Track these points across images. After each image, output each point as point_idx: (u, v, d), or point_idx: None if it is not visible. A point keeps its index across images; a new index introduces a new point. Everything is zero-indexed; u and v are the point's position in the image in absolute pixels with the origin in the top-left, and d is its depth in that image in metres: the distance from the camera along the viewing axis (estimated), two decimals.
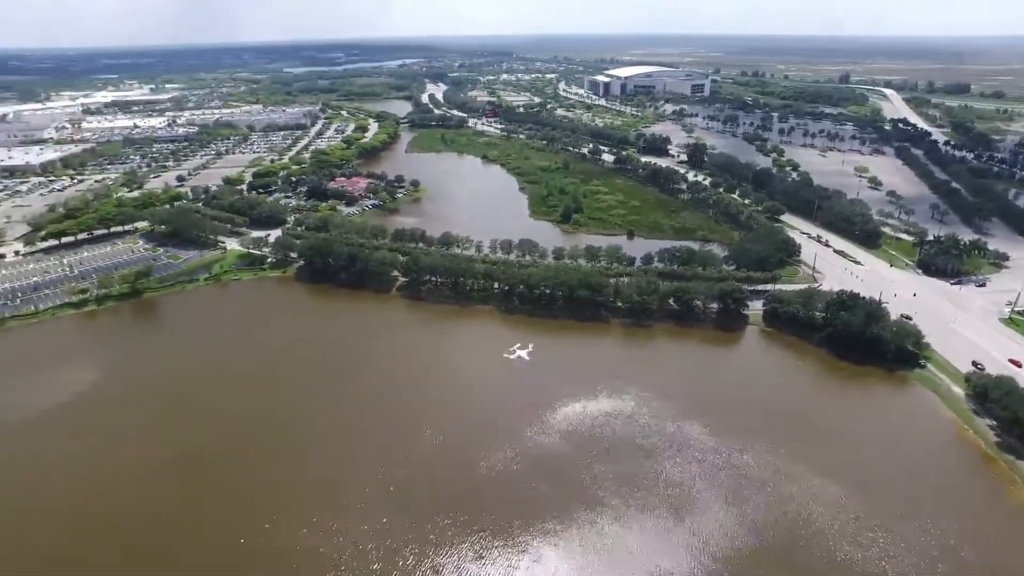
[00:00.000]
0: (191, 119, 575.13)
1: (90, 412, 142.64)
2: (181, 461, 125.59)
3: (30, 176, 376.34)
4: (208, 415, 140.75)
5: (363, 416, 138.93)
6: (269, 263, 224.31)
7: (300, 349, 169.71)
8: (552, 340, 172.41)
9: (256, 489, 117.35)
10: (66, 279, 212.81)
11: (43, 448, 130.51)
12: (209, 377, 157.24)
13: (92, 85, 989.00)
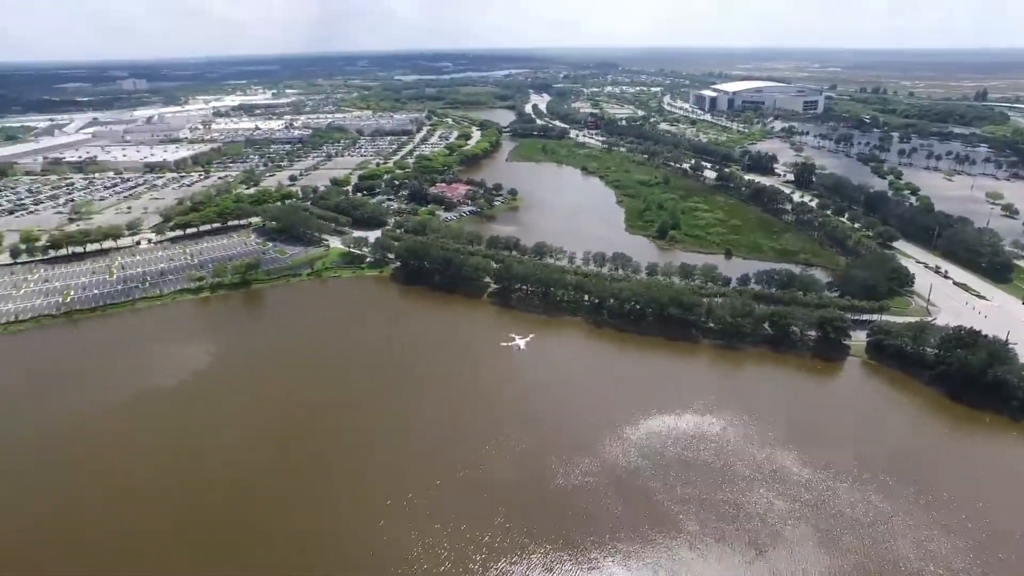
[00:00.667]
0: (306, 123, 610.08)
1: (202, 389, 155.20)
2: (273, 439, 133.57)
3: (166, 172, 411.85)
4: (301, 400, 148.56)
5: (446, 415, 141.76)
6: (368, 262, 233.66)
7: (391, 346, 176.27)
8: (640, 356, 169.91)
9: (338, 474, 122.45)
10: (187, 267, 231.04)
11: (163, 421, 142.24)
12: (304, 364, 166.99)
13: (223, 90, 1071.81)
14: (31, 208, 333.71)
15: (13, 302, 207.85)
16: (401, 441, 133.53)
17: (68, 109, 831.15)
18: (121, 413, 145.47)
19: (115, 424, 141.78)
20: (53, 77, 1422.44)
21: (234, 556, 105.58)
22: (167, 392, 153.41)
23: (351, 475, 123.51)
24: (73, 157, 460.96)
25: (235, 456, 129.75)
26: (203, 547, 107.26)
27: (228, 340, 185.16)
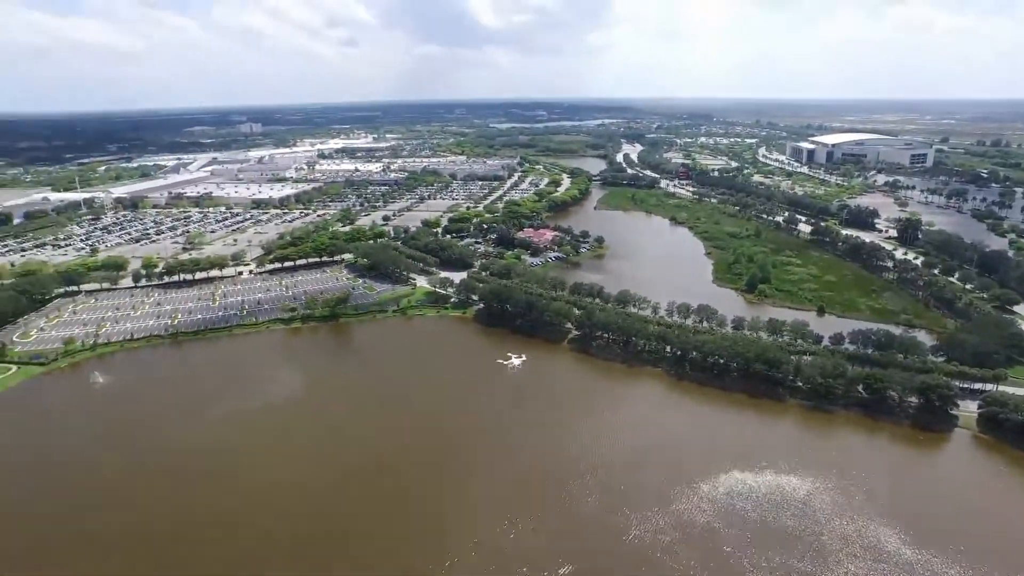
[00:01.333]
0: (403, 166, 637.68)
1: (292, 414, 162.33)
2: (348, 469, 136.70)
3: (271, 208, 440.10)
4: (384, 430, 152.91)
5: (518, 459, 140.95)
6: (452, 303, 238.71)
7: (469, 384, 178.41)
8: (721, 412, 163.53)
9: (403, 512, 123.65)
10: (282, 298, 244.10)
11: (252, 439, 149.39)
12: (388, 396, 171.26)
13: (329, 134, 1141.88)
14: (154, 237, 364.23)
15: (131, 322, 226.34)
16: (471, 484, 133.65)
17: (193, 150, 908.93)
18: (216, 428, 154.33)
19: (209, 440, 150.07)
20: (184, 121, 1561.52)
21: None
22: (255, 412, 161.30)
23: (419, 515, 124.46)
24: (192, 192, 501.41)
25: (313, 482, 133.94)
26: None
27: (316, 370, 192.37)
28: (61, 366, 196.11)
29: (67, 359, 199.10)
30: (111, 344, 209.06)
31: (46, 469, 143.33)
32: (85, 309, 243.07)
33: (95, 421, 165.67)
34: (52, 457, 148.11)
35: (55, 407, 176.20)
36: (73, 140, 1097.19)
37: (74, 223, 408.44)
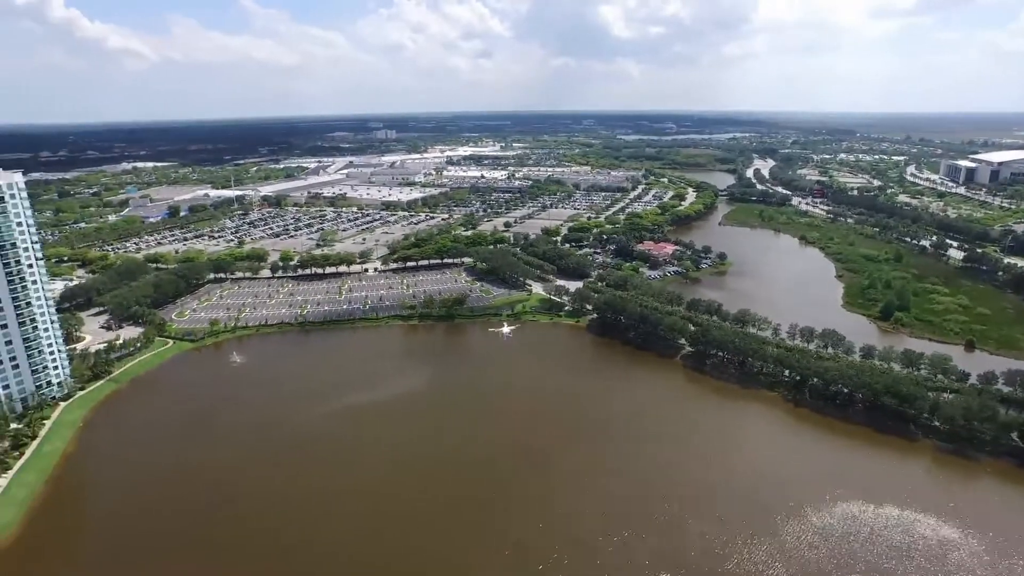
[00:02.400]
0: (527, 174, 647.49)
1: (407, 406, 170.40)
2: (462, 463, 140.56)
3: (399, 211, 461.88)
4: (490, 428, 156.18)
5: (623, 472, 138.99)
6: (566, 311, 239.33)
7: (576, 392, 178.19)
8: (842, 446, 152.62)
9: (503, 516, 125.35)
10: (403, 296, 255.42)
11: (372, 430, 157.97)
12: (496, 397, 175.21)
13: (458, 141, 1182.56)
14: (292, 233, 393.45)
15: (267, 309, 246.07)
16: (572, 489, 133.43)
17: (333, 154, 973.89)
18: (337, 414, 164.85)
19: (330, 424, 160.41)
20: (326, 127, 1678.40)
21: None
22: (374, 404, 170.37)
23: (522, 518, 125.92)
24: (329, 193, 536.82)
25: (431, 474, 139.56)
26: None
27: (431, 367, 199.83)
28: (207, 343, 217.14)
29: (212, 338, 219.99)
30: (248, 328, 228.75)
31: (191, 431, 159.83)
32: (230, 294, 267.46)
33: (232, 395, 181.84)
34: (196, 420, 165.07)
35: (201, 379, 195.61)
36: (232, 143, 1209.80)
37: (227, 217, 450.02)
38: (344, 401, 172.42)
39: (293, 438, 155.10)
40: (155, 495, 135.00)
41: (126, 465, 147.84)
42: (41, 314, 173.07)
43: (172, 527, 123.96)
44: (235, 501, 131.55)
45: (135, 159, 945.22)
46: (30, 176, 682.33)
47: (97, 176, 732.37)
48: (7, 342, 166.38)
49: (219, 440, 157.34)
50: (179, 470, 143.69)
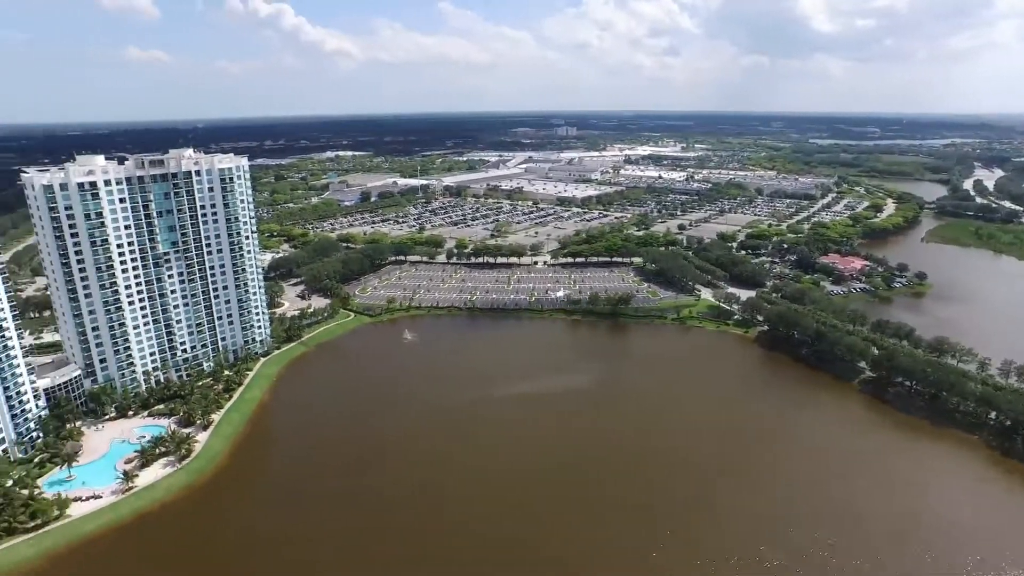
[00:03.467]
0: (707, 176, 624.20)
1: (565, 402, 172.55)
2: (613, 464, 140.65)
3: (573, 207, 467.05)
4: (645, 433, 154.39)
5: (770, 491, 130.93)
6: (734, 320, 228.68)
7: (740, 406, 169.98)
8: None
9: (641, 520, 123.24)
10: (568, 290, 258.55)
11: (531, 417, 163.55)
12: (654, 402, 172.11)
13: (638, 140, 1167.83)
14: (469, 223, 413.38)
15: (439, 292, 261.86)
16: (727, 516, 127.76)
17: (514, 148, 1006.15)
18: (496, 402, 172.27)
19: (486, 409, 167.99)
20: (509, 123, 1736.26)
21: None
22: (527, 395, 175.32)
23: (663, 518, 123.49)
24: (507, 186, 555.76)
25: (561, 465, 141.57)
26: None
27: (590, 363, 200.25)
28: (383, 319, 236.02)
29: (388, 315, 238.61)
30: (421, 308, 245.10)
31: (362, 394, 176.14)
32: (407, 276, 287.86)
33: (401, 368, 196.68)
34: (367, 385, 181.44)
35: (376, 351, 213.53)
36: (422, 136, 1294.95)
37: (411, 204, 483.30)
38: (503, 388, 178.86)
39: (449, 414, 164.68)
40: (326, 442, 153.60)
41: (307, 414, 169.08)
42: (252, 280, 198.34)
43: (335, 468, 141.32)
44: (385, 458, 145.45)
45: (338, 148, 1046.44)
46: (254, 162, 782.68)
47: (306, 163, 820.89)
48: (226, 301, 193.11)
49: (384, 405, 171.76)
50: (348, 425, 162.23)
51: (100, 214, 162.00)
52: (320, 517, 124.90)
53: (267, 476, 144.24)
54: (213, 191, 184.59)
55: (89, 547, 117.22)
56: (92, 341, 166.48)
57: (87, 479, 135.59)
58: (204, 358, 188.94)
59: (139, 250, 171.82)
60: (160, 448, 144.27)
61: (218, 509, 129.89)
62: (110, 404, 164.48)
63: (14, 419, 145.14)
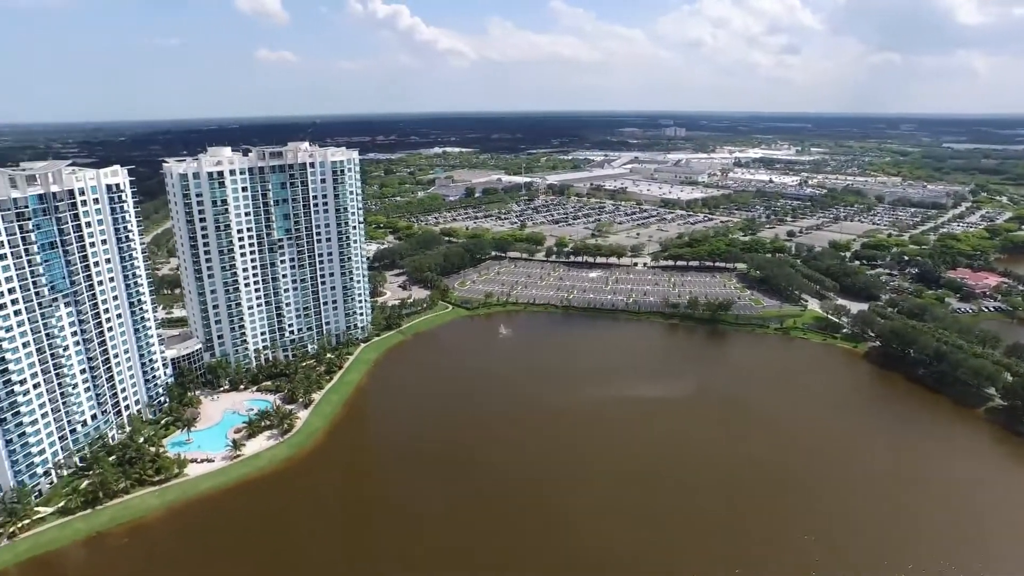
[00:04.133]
0: (822, 182, 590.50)
1: (657, 407, 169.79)
2: (703, 475, 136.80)
3: (677, 209, 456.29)
4: (739, 446, 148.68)
5: (887, 542, 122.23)
6: (843, 333, 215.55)
7: (845, 427, 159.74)
8: None
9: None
10: (667, 293, 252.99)
11: (617, 421, 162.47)
12: (749, 414, 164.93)
13: (750, 142, 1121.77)
14: (570, 221, 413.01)
15: (536, 289, 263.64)
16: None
17: (620, 148, 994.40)
18: (585, 402, 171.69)
19: (575, 408, 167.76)
20: (616, 123, 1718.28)
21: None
22: (619, 398, 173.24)
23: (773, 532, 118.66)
24: (610, 186, 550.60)
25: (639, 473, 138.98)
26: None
27: (685, 369, 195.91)
28: (480, 313, 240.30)
29: (485, 309, 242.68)
30: (518, 304, 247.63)
31: (454, 384, 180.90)
32: (506, 272, 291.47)
33: (495, 361, 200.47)
34: (460, 376, 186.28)
35: (471, 343, 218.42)
36: (528, 134, 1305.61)
37: (514, 201, 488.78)
38: (596, 389, 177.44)
39: (542, 411, 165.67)
40: (419, 428, 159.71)
41: (401, 400, 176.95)
42: (357, 269, 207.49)
43: (426, 453, 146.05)
44: (475, 447, 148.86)
45: (446, 144, 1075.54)
46: (366, 156, 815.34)
47: (415, 158, 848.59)
48: (332, 288, 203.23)
49: (478, 396, 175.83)
50: (440, 412, 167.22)
51: (225, 201, 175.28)
52: (410, 495, 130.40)
53: (360, 454, 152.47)
54: (325, 182, 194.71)
55: (203, 504, 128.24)
56: (212, 318, 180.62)
57: (202, 443, 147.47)
58: (309, 340, 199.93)
59: (256, 236, 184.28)
60: (265, 421, 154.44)
61: (314, 481, 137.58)
62: (224, 377, 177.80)
63: (147, 384, 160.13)
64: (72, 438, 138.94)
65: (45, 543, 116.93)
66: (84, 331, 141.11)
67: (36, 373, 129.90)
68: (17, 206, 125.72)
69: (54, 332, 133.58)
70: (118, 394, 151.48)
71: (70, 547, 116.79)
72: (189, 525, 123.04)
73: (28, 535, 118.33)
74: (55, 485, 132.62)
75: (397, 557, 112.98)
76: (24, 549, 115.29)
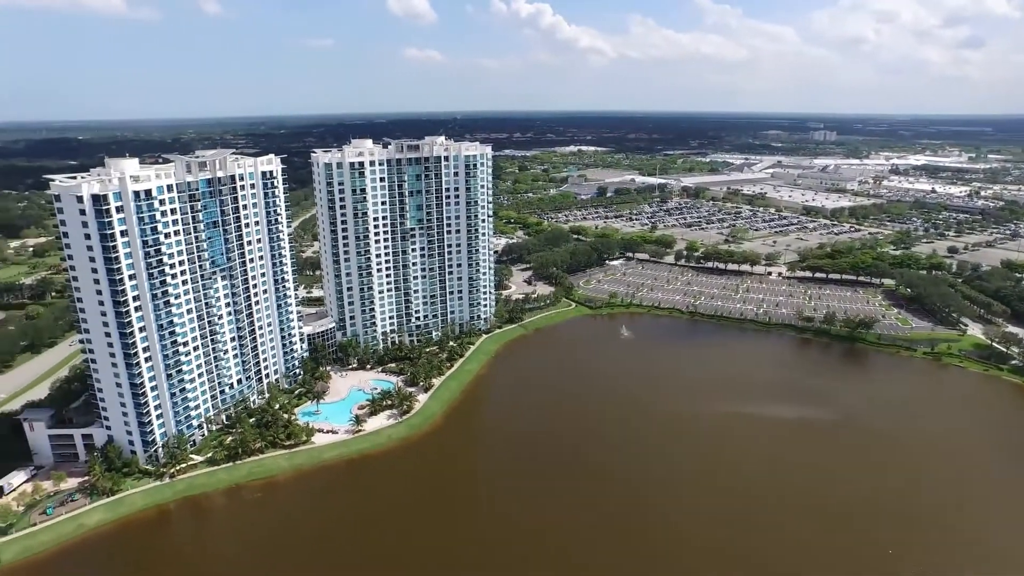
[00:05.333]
0: (999, 193, 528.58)
1: (788, 431, 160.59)
2: (831, 509, 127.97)
3: (820, 218, 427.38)
4: (878, 480, 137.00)
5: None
6: (1011, 365, 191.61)
7: (1010, 476, 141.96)
8: None
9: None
10: (801, 306, 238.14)
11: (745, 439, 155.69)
12: (892, 448, 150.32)
13: (911, 148, 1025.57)
14: (703, 225, 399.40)
15: (662, 292, 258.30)
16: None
17: (762, 152, 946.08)
18: (705, 417, 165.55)
19: (691, 419, 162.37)
20: (760, 125, 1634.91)
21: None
22: (744, 416, 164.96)
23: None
24: (749, 191, 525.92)
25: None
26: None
27: (819, 392, 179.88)
28: (602, 312, 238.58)
29: (607, 309, 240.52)
30: (641, 306, 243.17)
31: (570, 381, 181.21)
32: (632, 273, 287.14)
33: (613, 361, 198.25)
34: (576, 374, 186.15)
35: (591, 342, 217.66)
36: (666, 134, 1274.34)
37: (646, 202, 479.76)
38: (718, 402, 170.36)
39: (661, 419, 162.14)
40: (533, 421, 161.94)
41: (517, 392, 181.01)
42: (484, 261, 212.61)
43: (538, 445, 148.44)
44: (588, 446, 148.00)
45: (581, 143, 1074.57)
46: (502, 152, 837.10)
47: (549, 155, 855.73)
48: (459, 278, 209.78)
49: (589, 395, 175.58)
50: (555, 408, 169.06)
51: (364, 190, 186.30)
52: (515, 485, 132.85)
53: (472, 441, 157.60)
54: (458, 175, 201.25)
55: (325, 471, 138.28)
56: (346, 300, 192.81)
57: (329, 416, 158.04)
58: (434, 327, 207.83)
59: (390, 224, 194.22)
60: (387, 401, 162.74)
61: (426, 462, 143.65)
62: (353, 356, 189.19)
63: (285, 356, 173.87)
64: (221, 398, 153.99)
65: (197, 486, 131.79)
66: (236, 303, 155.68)
67: (196, 337, 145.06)
68: (190, 188, 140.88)
69: (212, 302, 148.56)
70: (260, 363, 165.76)
71: (213, 494, 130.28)
72: (312, 488, 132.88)
73: (183, 477, 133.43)
74: (206, 438, 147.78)
75: (497, 542, 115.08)
76: (180, 489, 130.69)
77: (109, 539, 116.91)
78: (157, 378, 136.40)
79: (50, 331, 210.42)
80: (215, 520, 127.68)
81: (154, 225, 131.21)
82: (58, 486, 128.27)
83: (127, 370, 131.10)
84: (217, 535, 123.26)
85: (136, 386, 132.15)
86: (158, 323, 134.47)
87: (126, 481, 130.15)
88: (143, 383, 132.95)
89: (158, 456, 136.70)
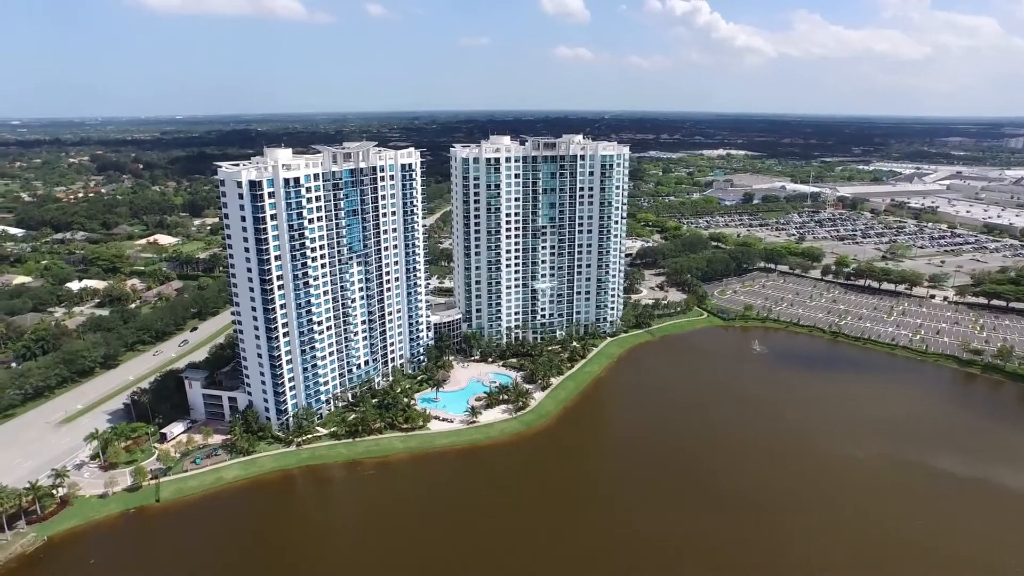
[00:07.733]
0: None
1: (940, 483, 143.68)
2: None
3: (1005, 237, 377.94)
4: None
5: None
6: None
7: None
8: None
9: None
10: (968, 335, 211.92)
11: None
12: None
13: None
14: (858, 239, 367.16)
15: (803, 308, 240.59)
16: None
17: (938, 161, 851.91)
18: (864, 464, 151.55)
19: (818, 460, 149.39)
20: (939, 130, 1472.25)
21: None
22: (899, 464, 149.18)
23: None
24: (916, 204, 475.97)
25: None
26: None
27: (989, 435, 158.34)
28: (735, 325, 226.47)
29: (741, 321, 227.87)
30: (778, 322, 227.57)
31: (691, 392, 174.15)
32: (772, 286, 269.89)
33: (738, 377, 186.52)
34: (698, 385, 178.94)
35: (719, 354, 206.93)
36: (824, 140, 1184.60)
37: (796, 212, 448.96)
38: (850, 432, 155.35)
39: (778, 439, 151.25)
40: (649, 430, 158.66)
41: (636, 399, 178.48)
42: (614, 263, 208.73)
43: (652, 456, 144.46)
44: (705, 460, 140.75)
45: (730, 146, 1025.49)
46: (646, 154, 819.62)
47: (695, 158, 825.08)
48: (587, 279, 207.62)
49: (712, 409, 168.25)
50: (674, 419, 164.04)
51: (498, 185, 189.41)
52: (623, 492, 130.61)
53: (583, 443, 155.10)
54: (593, 175, 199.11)
55: (438, 457, 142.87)
56: (474, 292, 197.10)
57: (447, 404, 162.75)
58: (558, 326, 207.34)
59: (522, 221, 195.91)
60: (503, 395, 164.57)
61: (536, 459, 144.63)
62: (476, 348, 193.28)
63: (411, 342, 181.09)
64: (348, 377, 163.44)
65: (319, 456, 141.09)
66: (368, 288, 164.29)
67: (330, 318, 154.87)
68: (335, 178, 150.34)
69: (347, 286, 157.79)
70: (387, 347, 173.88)
71: (333, 466, 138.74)
72: (423, 472, 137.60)
73: (307, 448, 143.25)
74: (331, 413, 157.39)
75: (598, 549, 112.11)
76: (304, 457, 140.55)
77: (242, 494, 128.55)
78: (293, 353, 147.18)
79: (215, 301, 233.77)
80: (332, 490, 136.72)
81: (300, 211, 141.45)
82: (206, 440, 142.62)
83: (268, 343, 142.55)
84: (333, 504, 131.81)
85: (274, 358, 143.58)
86: (297, 302, 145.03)
87: (260, 444, 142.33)
88: (280, 356, 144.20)
89: (288, 425, 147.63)
